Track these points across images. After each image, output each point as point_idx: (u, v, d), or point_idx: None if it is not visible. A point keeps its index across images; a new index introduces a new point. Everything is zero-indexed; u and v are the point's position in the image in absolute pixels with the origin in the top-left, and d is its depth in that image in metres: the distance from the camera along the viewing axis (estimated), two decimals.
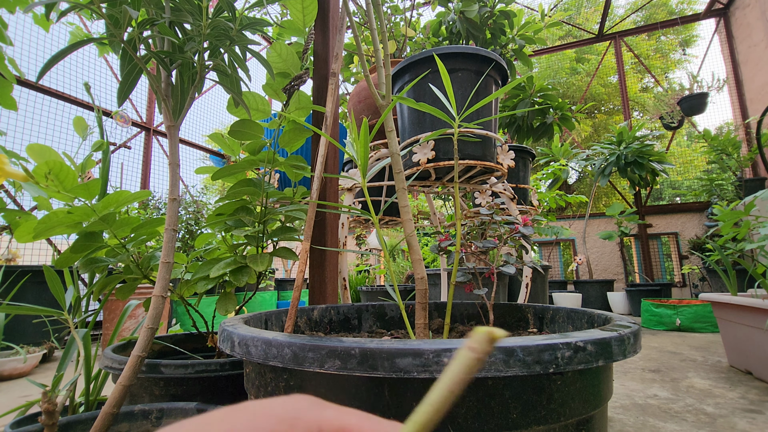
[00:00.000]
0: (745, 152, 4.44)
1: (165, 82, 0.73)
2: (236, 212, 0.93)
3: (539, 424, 0.40)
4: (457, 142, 0.84)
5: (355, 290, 3.63)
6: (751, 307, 1.51)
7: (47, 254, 2.96)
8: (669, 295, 3.74)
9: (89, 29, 2.91)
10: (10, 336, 2.22)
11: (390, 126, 0.69)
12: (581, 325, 0.67)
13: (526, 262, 0.94)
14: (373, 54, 1.43)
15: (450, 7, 2.48)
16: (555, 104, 2.91)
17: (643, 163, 3.74)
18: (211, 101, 4.98)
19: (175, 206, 0.69)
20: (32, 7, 0.57)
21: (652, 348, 2.22)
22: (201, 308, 2.69)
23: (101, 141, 0.90)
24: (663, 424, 1.12)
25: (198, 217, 2.93)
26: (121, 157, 3.75)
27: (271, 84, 0.92)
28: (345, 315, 0.86)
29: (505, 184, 1.49)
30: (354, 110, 1.50)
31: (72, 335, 0.79)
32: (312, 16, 0.95)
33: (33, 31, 2.99)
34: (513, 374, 0.36)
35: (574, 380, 0.42)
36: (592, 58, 7.69)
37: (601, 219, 5.02)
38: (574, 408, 0.41)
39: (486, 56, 1.06)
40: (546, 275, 3.11)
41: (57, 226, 0.72)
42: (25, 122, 2.93)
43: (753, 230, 1.56)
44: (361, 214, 0.67)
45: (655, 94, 7.30)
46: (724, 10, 4.87)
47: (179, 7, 0.68)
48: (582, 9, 7.47)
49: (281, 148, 0.93)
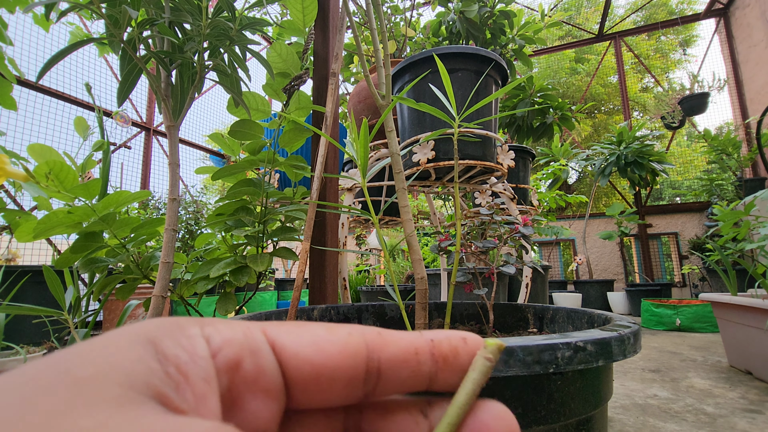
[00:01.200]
0: (745, 152, 4.44)
1: (165, 82, 0.73)
2: (236, 212, 0.93)
3: (539, 424, 0.40)
4: (457, 142, 0.84)
5: (355, 290, 3.63)
6: (751, 307, 1.51)
7: (47, 254, 2.96)
8: (669, 295, 3.74)
9: (89, 29, 2.91)
10: (10, 336, 2.22)
11: (390, 126, 0.69)
12: (581, 325, 0.67)
13: (526, 262, 0.94)
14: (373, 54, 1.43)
15: (450, 7, 2.48)
16: (555, 104, 2.91)
17: (643, 163, 3.74)
18: (211, 101, 4.98)
19: (175, 206, 0.69)
20: (32, 7, 0.57)
21: (652, 348, 2.22)
22: (201, 308, 2.69)
23: (101, 141, 0.90)
24: (663, 424, 1.12)
25: (198, 217, 2.93)
26: (121, 157, 3.75)
27: (271, 84, 0.92)
28: (345, 315, 0.86)
29: (505, 184, 1.49)
30: (354, 110, 1.50)
31: (72, 335, 0.79)
32: (312, 16, 0.95)
33: (33, 31, 2.99)
34: (513, 374, 0.36)
35: (574, 380, 0.42)
36: (591, 58, 7.69)
37: (601, 219, 5.01)
38: (574, 408, 0.41)
39: (486, 56, 1.06)
40: (546, 275, 3.11)
41: (57, 226, 0.72)
42: (25, 122, 2.93)
43: (753, 230, 1.56)
44: (361, 214, 0.67)
45: (656, 94, 7.30)
46: (724, 10, 4.87)
47: (179, 7, 0.68)
48: (582, 9, 7.47)
49: (281, 148, 0.93)
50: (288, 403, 0.14)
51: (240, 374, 0.12)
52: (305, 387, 0.14)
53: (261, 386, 0.13)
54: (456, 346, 0.15)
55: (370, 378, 0.14)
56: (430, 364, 0.15)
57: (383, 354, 0.14)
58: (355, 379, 0.14)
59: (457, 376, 0.15)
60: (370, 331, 0.15)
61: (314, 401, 0.14)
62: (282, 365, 0.13)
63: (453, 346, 0.15)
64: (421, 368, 0.15)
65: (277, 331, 0.14)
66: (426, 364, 0.15)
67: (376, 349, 0.14)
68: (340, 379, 0.14)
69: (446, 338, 0.15)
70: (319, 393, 0.14)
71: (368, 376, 0.14)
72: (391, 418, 0.15)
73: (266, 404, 0.13)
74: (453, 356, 0.15)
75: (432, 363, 0.15)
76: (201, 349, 0.12)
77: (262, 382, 0.13)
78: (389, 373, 0.14)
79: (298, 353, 0.13)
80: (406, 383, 0.15)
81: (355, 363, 0.14)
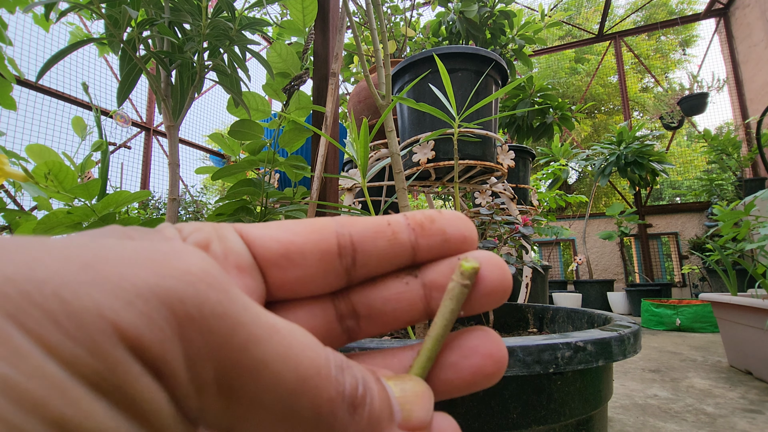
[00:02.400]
0: (745, 152, 4.44)
1: (165, 82, 0.73)
2: (236, 212, 0.93)
3: (539, 424, 0.40)
4: (457, 142, 0.84)
5: None
6: (751, 307, 1.51)
7: None
8: (669, 295, 3.74)
9: (89, 29, 2.91)
10: None
11: (390, 126, 0.69)
12: (581, 325, 0.67)
13: (526, 262, 0.94)
14: (373, 54, 1.43)
15: (450, 7, 2.48)
16: (555, 104, 2.90)
17: (643, 163, 3.74)
18: (211, 101, 4.98)
19: (174, 206, 0.69)
20: (32, 7, 0.57)
21: (652, 348, 2.22)
22: None
23: (100, 141, 0.90)
24: (663, 424, 1.12)
25: (198, 217, 2.93)
26: (121, 157, 3.75)
27: (271, 84, 0.92)
28: None
29: (505, 184, 1.49)
30: (354, 110, 1.50)
31: None
32: (312, 16, 0.95)
33: (33, 31, 2.99)
34: (513, 374, 0.36)
35: (574, 380, 0.42)
36: (591, 58, 7.69)
37: (601, 219, 5.01)
38: (574, 408, 0.41)
39: (486, 56, 1.06)
40: (546, 275, 3.11)
41: (57, 227, 0.72)
42: (24, 122, 2.93)
43: (753, 230, 1.56)
44: (361, 214, 0.67)
45: (655, 94, 7.30)
46: (724, 10, 4.87)
47: (178, 7, 0.68)
48: (582, 9, 7.47)
49: (281, 148, 0.93)
50: (270, 291, 0.14)
51: (210, 254, 0.13)
52: (279, 265, 0.14)
53: (231, 263, 0.13)
54: (430, 214, 0.15)
55: (344, 252, 0.14)
56: (407, 232, 0.15)
57: (354, 228, 0.15)
58: (328, 251, 0.14)
59: (439, 240, 0.15)
60: (340, 216, 0.15)
61: (294, 284, 0.14)
62: (249, 246, 0.14)
63: (427, 215, 0.15)
64: (397, 237, 0.15)
65: (247, 225, 0.15)
66: (402, 232, 0.15)
67: (345, 224, 0.15)
68: (311, 252, 0.14)
69: (419, 212, 0.16)
70: (295, 270, 0.14)
71: (342, 248, 0.14)
72: (380, 286, 0.15)
73: (242, 280, 0.13)
74: (429, 222, 0.15)
75: (409, 231, 0.15)
76: (171, 232, 0.13)
77: (232, 260, 0.13)
78: (365, 245, 0.14)
79: (264, 234, 0.14)
80: (387, 254, 0.15)
81: (322, 236, 0.14)
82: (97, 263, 0.09)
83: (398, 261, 0.15)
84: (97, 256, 0.09)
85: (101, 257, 0.09)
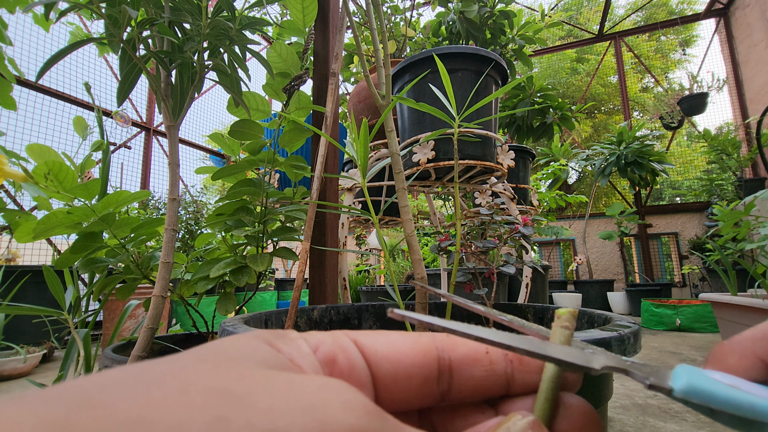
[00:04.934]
0: (745, 152, 4.44)
1: (165, 82, 0.73)
2: (236, 212, 0.93)
3: None
4: (457, 142, 0.84)
5: (355, 290, 3.63)
6: (751, 307, 1.51)
7: (47, 254, 2.96)
8: (669, 295, 3.74)
9: (89, 29, 2.91)
10: (10, 336, 2.22)
11: (390, 126, 0.69)
12: (581, 325, 0.67)
13: (526, 262, 0.94)
14: (373, 54, 1.43)
15: (450, 7, 2.48)
16: (555, 104, 2.90)
17: (643, 163, 3.74)
18: (211, 101, 4.98)
19: (174, 206, 0.69)
20: (32, 6, 0.57)
21: (652, 348, 2.22)
22: (201, 308, 2.69)
23: (101, 141, 0.90)
24: (663, 424, 1.12)
25: (198, 217, 2.92)
26: (121, 157, 3.75)
27: (271, 84, 0.92)
28: (345, 315, 0.86)
29: (505, 184, 1.49)
30: (354, 110, 1.50)
31: (72, 335, 0.79)
32: (312, 16, 0.95)
33: (33, 31, 2.99)
34: None
35: None
36: (592, 58, 7.69)
37: (601, 219, 5.01)
38: None
39: (486, 56, 1.06)
40: (546, 275, 3.11)
41: (57, 227, 0.72)
42: (24, 122, 2.93)
43: (753, 230, 1.56)
44: (361, 214, 0.67)
45: (655, 94, 7.30)
46: (724, 10, 4.87)
47: (178, 6, 0.68)
48: (582, 9, 7.47)
49: (281, 148, 0.93)
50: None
51: (337, 368, 0.13)
52: (386, 384, 0.14)
53: (355, 380, 0.13)
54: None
55: (443, 376, 0.15)
56: (503, 364, 0.15)
57: (454, 353, 0.15)
58: (429, 376, 0.15)
59: (536, 376, 0.15)
60: (439, 335, 0.16)
61: (395, 401, 0.14)
62: (367, 361, 0.14)
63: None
64: (494, 368, 0.15)
65: (356, 333, 0.15)
66: (499, 363, 0.15)
67: (446, 348, 0.15)
68: (416, 375, 0.14)
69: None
70: (398, 391, 0.14)
71: (441, 373, 0.15)
72: (459, 412, 0.16)
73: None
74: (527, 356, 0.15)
75: (506, 362, 0.15)
76: (304, 346, 0.13)
77: (355, 376, 0.14)
78: (461, 371, 0.15)
79: (378, 351, 0.14)
80: (482, 384, 0.15)
81: (426, 360, 0.15)
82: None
83: (492, 391, 0.15)
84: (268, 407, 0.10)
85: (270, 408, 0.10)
